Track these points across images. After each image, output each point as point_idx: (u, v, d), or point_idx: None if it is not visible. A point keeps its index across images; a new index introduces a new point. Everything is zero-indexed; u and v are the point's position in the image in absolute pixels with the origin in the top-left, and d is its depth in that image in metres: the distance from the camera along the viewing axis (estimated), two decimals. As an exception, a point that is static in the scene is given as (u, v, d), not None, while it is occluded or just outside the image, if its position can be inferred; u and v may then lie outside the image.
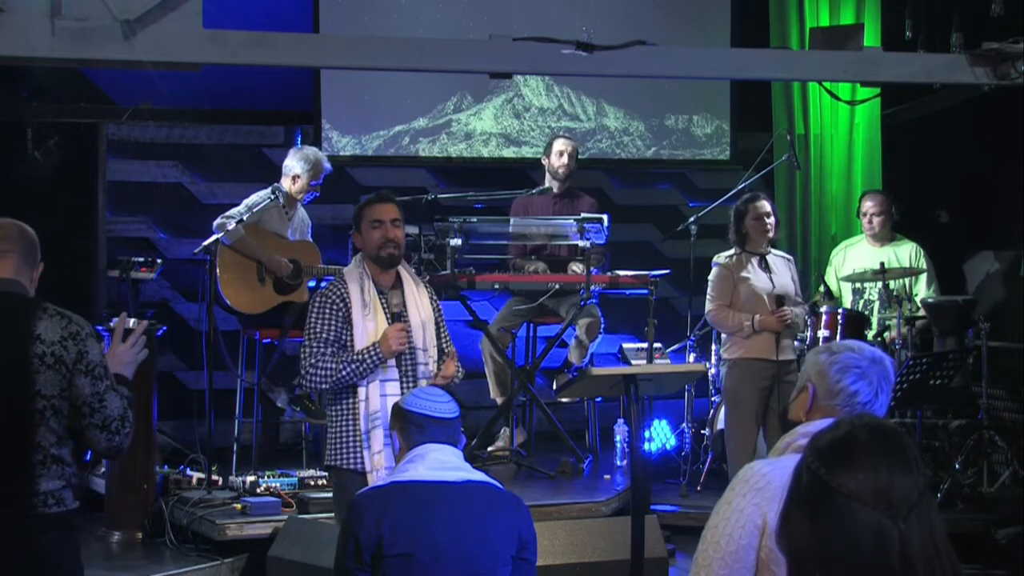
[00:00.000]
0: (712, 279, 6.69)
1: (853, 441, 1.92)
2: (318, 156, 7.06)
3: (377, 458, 4.89)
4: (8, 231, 3.56)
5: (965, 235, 9.04)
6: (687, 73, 6.46)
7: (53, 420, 3.41)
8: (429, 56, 5.33)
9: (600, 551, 5.81)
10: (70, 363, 3.41)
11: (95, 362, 3.45)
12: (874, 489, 1.88)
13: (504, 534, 3.59)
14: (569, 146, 7.71)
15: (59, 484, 3.44)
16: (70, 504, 3.48)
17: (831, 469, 1.90)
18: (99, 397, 3.45)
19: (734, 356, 6.56)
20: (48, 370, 3.39)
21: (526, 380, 7.30)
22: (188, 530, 6.15)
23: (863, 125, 8.81)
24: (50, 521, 3.41)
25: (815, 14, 8.70)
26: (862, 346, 2.97)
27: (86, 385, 3.43)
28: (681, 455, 7.53)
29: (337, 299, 5.01)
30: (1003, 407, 7.98)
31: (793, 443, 2.81)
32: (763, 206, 6.62)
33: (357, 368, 4.92)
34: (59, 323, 3.44)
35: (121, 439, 3.50)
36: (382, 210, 5.08)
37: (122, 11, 4.52)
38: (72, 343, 3.43)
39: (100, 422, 3.46)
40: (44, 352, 3.39)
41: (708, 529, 2.77)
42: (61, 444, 3.44)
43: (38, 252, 3.63)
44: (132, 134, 8.26)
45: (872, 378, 2.90)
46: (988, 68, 5.53)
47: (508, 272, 7.46)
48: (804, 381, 2.98)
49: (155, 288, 7.96)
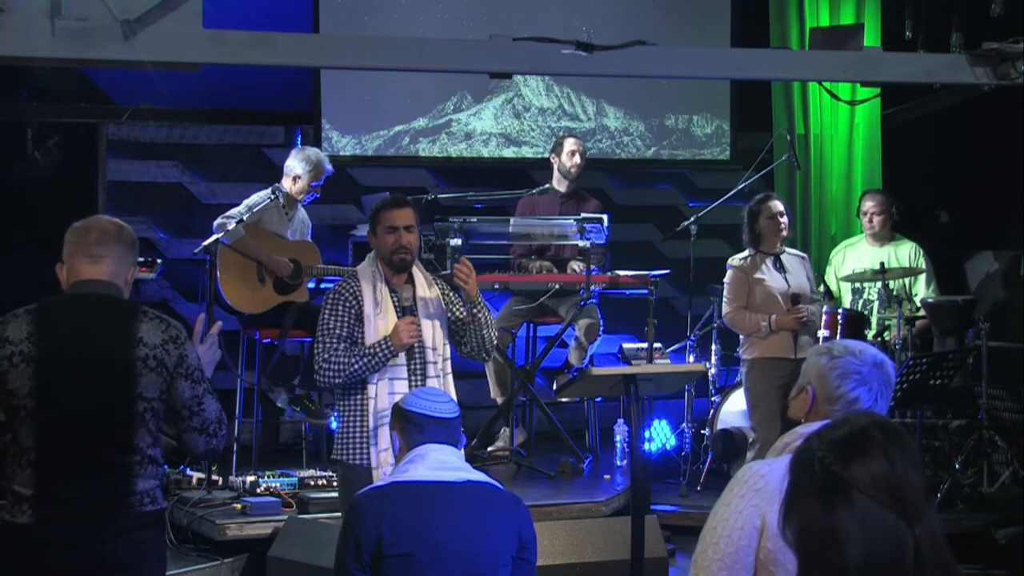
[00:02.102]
0: (727, 282, 6.71)
1: (868, 437, 1.92)
2: (319, 158, 7.05)
3: (384, 455, 4.90)
4: (106, 235, 3.56)
5: (965, 235, 9.04)
6: (687, 73, 6.46)
7: (152, 422, 3.47)
8: (429, 56, 5.33)
9: (600, 551, 5.81)
10: (171, 366, 3.46)
11: (194, 366, 3.52)
12: (889, 485, 1.88)
13: (504, 534, 3.59)
14: (580, 146, 7.77)
15: (154, 483, 3.50)
16: (162, 502, 3.56)
17: (846, 462, 1.90)
18: (198, 400, 3.51)
19: (752, 356, 6.58)
20: (151, 373, 3.43)
21: (526, 380, 7.30)
22: (188, 530, 6.16)
23: (863, 125, 8.81)
24: (147, 519, 3.48)
25: (815, 14, 8.70)
26: (864, 349, 2.95)
27: (186, 389, 3.49)
28: (681, 455, 7.53)
29: (350, 296, 5.04)
30: (1003, 407, 7.98)
31: (791, 444, 2.80)
32: (776, 206, 6.65)
33: (369, 362, 4.94)
34: (159, 327, 3.49)
35: (218, 441, 3.58)
36: (397, 216, 5.09)
37: (122, 11, 4.52)
38: (173, 347, 3.47)
39: (199, 425, 3.52)
40: (147, 355, 3.43)
41: (707, 531, 2.76)
42: (156, 444, 3.50)
43: (135, 252, 3.66)
44: (132, 134, 8.26)
45: (872, 384, 2.90)
46: (988, 68, 5.53)
47: (508, 272, 7.47)
48: (804, 382, 2.97)
49: (155, 288, 7.96)
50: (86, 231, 3.56)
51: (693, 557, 2.78)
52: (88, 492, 3.40)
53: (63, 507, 3.38)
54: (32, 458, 3.39)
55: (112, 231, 3.58)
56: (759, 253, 6.65)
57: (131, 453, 3.44)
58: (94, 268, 3.52)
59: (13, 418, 3.40)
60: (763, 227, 6.62)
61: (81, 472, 3.41)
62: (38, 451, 3.40)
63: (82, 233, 3.56)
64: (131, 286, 3.65)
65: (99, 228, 3.57)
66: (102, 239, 3.54)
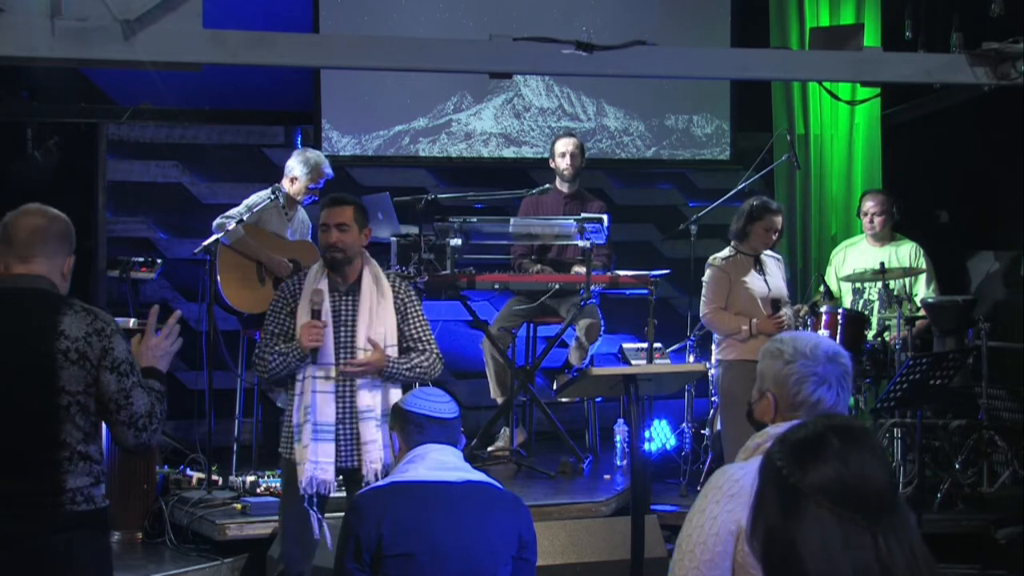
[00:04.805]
0: (707, 281, 6.68)
1: (823, 443, 1.88)
2: (319, 160, 7.05)
3: (303, 451, 4.93)
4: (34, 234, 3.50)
5: (965, 235, 9.04)
6: (687, 73, 6.46)
7: (79, 417, 3.41)
8: (429, 56, 5.33)
9: (600, 551, 5.82)
10: (95, 359, 3.41)
11: (120, 359, 3.45)
12: (845, 492, 1.83)
13: (504, 534, 3.59)
14: (570, 145, 7.69)
15: (87, 481, 3.43)
16: (100, 502, 3.47)
17: (801, 469, 1.86)
18: (125, 394, 3.45)
19: (729, 358, 6.57)
20: (72, 366, 3.38)
21: (526, 380, 7.30)
22: (188, 530, 6.15)
23: (863, 125, 8.81)
24: (78, 518, 3.41)
25: (815, 14, 8.69)
26: (816, 344, 2.89)
27: (112, 382, 3.43)
28: (681, 455, 7.53)
29: (288, 294, 5.11)
30: (1003, 407, 7.98)
31: (763, 445, 2.78)
32: (777, 222, 6.63)
33: (283, 360, 5.01)
34: (84, 319, 3.43)
35: (148, 435, 3.51)
36: (331, 214, 5.09)
37: (122, 11, 4.52)
38: (97, 339, 3.42)
39: (127, 419, 3.46)
40: (68, 348, 3.38)
41: (683, 538, 2.74)
42: (89, 441, 3.44)
43: (69, 242, 3.60)
44: (132, 134, 8.26)
45: (831, 380, 2.85)
46: (988, 68, 5.53)
47: (508, 272, 7.47)
48: (764, 387, 2.92)
49: (155, 288, 7.96)
50: (15, 229, 3.50)
51: (670, 565, 2.77)
52: (13, 490, 3.33)
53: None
54: None
55: (40, 228, 3.52)
56: (740, 253, 6.64)
57: (58, 449, 3.37)
58: (25, 267, 3.48)
59: None
60: (756, 232, 6.61)
61: (6, 469, 3.35)
62: None
63: (12, 231, 3.50)
64: (69, 276, 3.59)
65: (27, 227, 3.51)
66: (31, 239, 3.49)
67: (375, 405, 4.98)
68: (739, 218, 6.68)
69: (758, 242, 6.63)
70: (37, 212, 3.57)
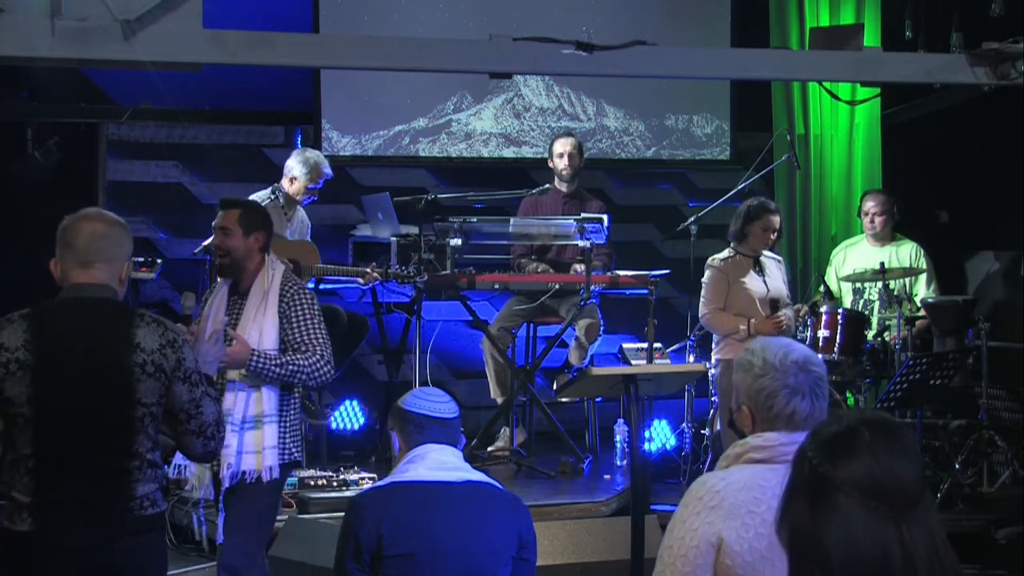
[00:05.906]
0: (706, 282, 6.70)
1: (855, 436, 1.91)
2: (318, 160, 7.05)
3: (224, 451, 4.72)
4: (95, 238, 3.49)
5: (965, 235, 9.04)
6: (687, 73, 6.46)
7: (151, 427, 3.45)
8: (429, 56, 5.33)
9: (600, 551, 5.81)
10: (169, 371, 3.44)
11: (192, 369, 3.50)
12: (874, 486, 1.86)
13: (504, 534, 3.59)
14: (568, 145, 7.69)
15: (154, 487, 3.49)
16: (162, 505, 3.54)
17: (833, 462, 1.89)
18: (196, 403, 3.50)
19: (729, 357, 6.58)
20: (149, 379, 3.41)
21: (526, 380, 7.30)
22: (188, 530, 6.15)
23: (863, 125, 8.81)
24: (148, 522, 3.47)
25: (815, 14, 8.69)
26: (785, 354, 2.81)
27: (184, 392, 3.47)
28: (681, 455, 7.53)
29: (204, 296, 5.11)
30: (1003, 407, 7.98)
31: (745, 455, 2.77)
32: (775, 222, 6.65)
33: None
34: (156, 330, 3.46)
35: (216, 443, 3.59)
36: (218, 217, 4.94)
37: (122, 11, 4.52)
38: (171, 351, 3.45)
39: (197, 428, 3.52)
40: (145, 361, 3.41)
41: (663, 549, 2.72)
42: (155, 448, 3.49)
43: (128, 246, 3.61)
44: (132, 134, 8.26)
45: (804, 391, 2.78)
46: (988, 68, 5.53)
47: (508, 272, 7.47)
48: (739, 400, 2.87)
49: (155, 288, 7.96)
50: (75, 233, 3.49)
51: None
52: (87, 498, 3.38)
53: (62, 514, 3.37)
54: (31, 465, 3.38)
55: (101, 233, 3.52)
56: (740, 255, 6.65)
57: (130, 458, 3.42)
58: (86, 273, 3.48)
59: (11, 426, 3.39)
60: (753, 233, 6.62)
61: (80, 478, 3.39)
62: (36, 458, 3.38)
63: (72, 235, 3.49)
64: (127, 281, 3.60)
65: (88, 231, 3.50)
66: (91, 244, 3.48)
67: (233, 408, 4.76)
68: (737, 219, 6.69)
69: (756, 242, 6.64)
70: (96, 217, 3.58)
